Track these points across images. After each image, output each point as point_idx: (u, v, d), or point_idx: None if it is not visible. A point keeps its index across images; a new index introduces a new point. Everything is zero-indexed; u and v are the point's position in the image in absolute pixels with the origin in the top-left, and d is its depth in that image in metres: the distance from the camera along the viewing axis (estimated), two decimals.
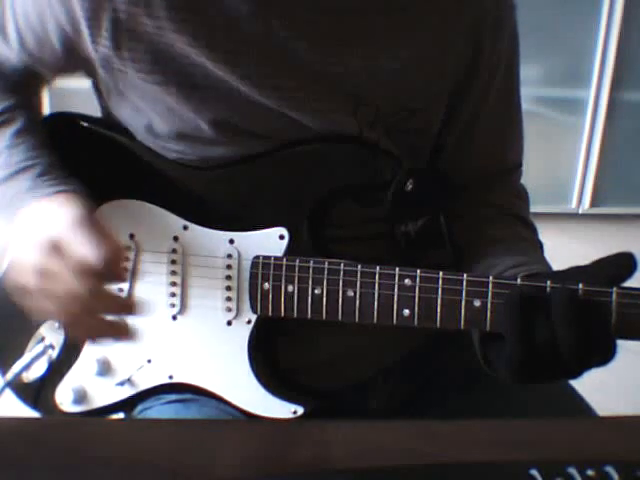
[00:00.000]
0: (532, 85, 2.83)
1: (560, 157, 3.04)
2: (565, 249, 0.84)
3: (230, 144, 0.82)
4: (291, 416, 0.83)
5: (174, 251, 0.84)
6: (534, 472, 0.62)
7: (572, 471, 0.62)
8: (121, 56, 0.78)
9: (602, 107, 2.98)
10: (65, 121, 0.91)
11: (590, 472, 0.62)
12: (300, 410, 0.83)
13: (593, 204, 3.12)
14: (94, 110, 0.93)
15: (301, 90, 0.80)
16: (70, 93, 0.92)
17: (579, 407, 0.90)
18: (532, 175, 1.02)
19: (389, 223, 0.87)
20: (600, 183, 3.09)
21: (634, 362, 2.07)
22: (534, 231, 0.93)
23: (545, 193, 2.98)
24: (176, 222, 0.84)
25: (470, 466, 0.65)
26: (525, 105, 0.95)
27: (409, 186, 0.83)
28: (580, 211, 3.15)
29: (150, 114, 0.83)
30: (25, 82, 0.91)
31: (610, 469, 0.62)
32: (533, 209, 0.96)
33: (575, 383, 0.92)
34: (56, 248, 0.70)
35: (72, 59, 0.83)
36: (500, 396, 0.89)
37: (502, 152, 0.95)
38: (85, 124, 0.90)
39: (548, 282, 0.71)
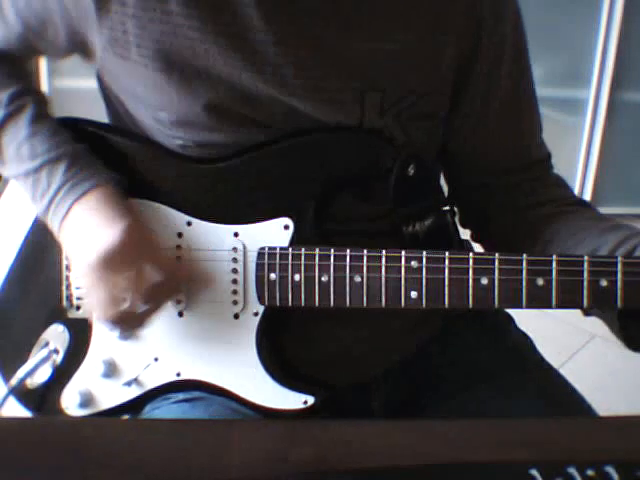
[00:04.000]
0: None
1: (560, 157, 3.03)
2: None
3: (230, 132, 0.83)
4: (302, 407, 0.83)
5: (178, 247, 0.84)
6: (534, 472, 0.62)
7: (572, 471, 0.62)
8: (126, 40, 0.79)
9: (602, 107, 2.97)
10: (69, 126, 0.91)
11: (590, 472, 0.62)
12: (311, 400, 0.83)
13: (593, 204, 3.12)
14: (98, 111, 0.94)
15: (301, 76, 0.80)
16: (73, 94, 0.93)
17: (579, 407, 0.90)
18: None
19: (394, 212, 0.86)
20: (600, 183, 3.08)
21: (634, 362, 2.07)
22: (595, 208, 0.93)
23: None
24: (180, 218, 0.85)
25: (470, 466, 0.65)
26: None
27: (411, 171, 0.83)
28: None
29: (151, 102, 0.83)
30: (17, 60, 0.91)
31: (610, 469, 0.62)
32: None
33: (575, 383, 0.92)
34: (111, 267, 0.78)
35: (73, 40, 0.83)
36: (500, 396, 0.89)
37: (525, 140, 0.94)
38: (88, 128, 0.90)
39: None
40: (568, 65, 2.97)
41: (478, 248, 0.94)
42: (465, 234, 0.96)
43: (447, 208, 0.91)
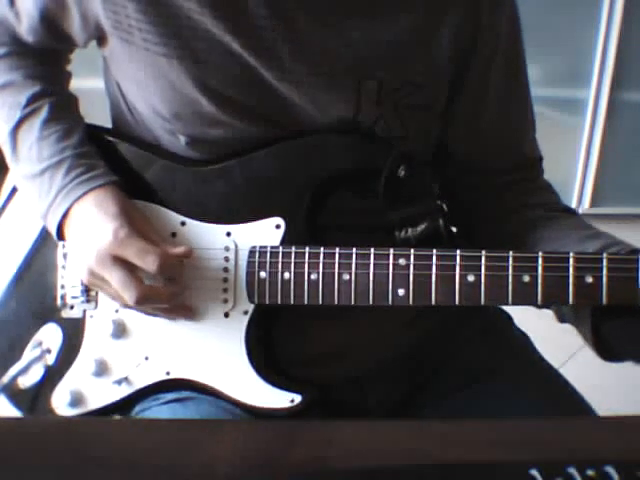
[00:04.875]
0: (532, 85, 2.82)
1: (560, 157, 3.03)
2: None
3: (229, 125, 0.83)
4: (289, 405, 0.83)
5: None
6: (534, 472, 0.62)
7: (572, 471, 0.62)
8: (129, 24, 0.80)
9: (602, 107, 2.97)
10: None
11: (590, 472, 0.61)
12: (297, 398, 0.83)
13: (593, 204, 3.12)
14: (97, 111, 0.94)
15: (302, 63, 0.81)
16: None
17: (579, 407, 0.90)
18: None
19: (385, 214, 0.86)
20: (600, 183, 3.08)
21: None
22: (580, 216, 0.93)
23: None
24: (174, 219, 0.85)
25: (470, 466, 0.65)
26: None
27: (401, 172, 0.83)
28: (580, 211, 3.14)
29: (152, 90, 0.84)
30: (46, 60, 0.92)
31: (610, 469, 0.62)
32: None
33: (575, 383, 0.92)
34: (111, 261, 0.79)
35: (87, 25, 0.84)
36: (500, 396, 0.89)
37: (517, 140, 0.94)
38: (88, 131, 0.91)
39: None
40: (568, 65, 2.97)
41: None
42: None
43: (439, 212, 0.91)
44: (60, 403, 0.88)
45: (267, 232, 0.83)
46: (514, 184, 0.94)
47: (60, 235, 0.85)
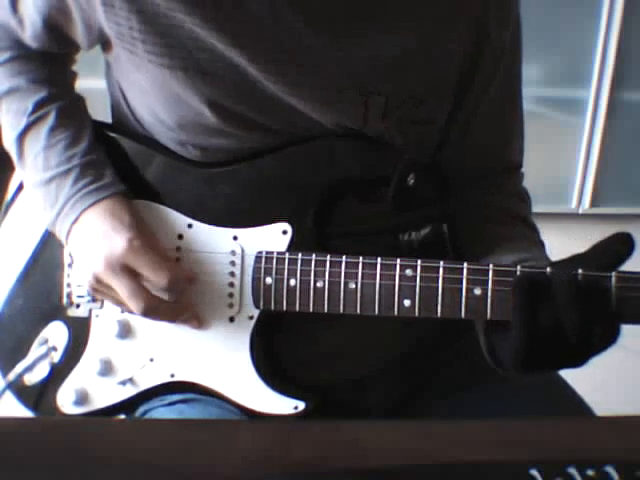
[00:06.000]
0: (532, 85, 2.83)
1: (560, 157, 3.03)
2: (565, 249, 0.84)
3: (234, 135, 0.83)
4: (292, 412, 0.83)
5: (178, 249, 0.84)
6: (534, 472, 0.62)
7: (572, 471, 0.62)
8: (132, 36, 0.79)
9: (602, 107, 2.97)
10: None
11: (590, 472, 0.61)
12: (301, 405, 0.83)
13: (593, 204, 3.12)
14: (96, 111, 0.94)
15: (305, 77, 0.80)
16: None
17: (579, 407, 0.90)
18: (532, 175, 1.02)
19: (393, 221, 0.86)
20: (600, 183, 3.09)
21: (634, 362, 2.07)
22: (535, 231, 0.93)
23: (545, 193, 2.98)
24: (181, 220, 0.85)
25: (470, 466, 0.65)
26: (525, 105, 0.95)
27: (411, 181, 0.83)
28: (580, 211, 3.15)
29: (155, 98, 0.84)
30: (51, 62, 0.92)
31: (610, 469, 0.62)
32: (533, 209, 0.97)
33: (575, 383, 0.92)
34: (120, 270, 0.80)
35: (91, 32, 0.84)
36: (500, 396, 0.89)
37: (501, 148, 0.95)
38: (97, 128, 0.91)
39: (548, 268, 0.72)
40: (568, 65, 2.97)
41: None
42: None
43: (444, 218, 0.91)
44: (65, 401, 0.88)
45: (274, 237, 0.82)
46: (479, 183, 0.94)
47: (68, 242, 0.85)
